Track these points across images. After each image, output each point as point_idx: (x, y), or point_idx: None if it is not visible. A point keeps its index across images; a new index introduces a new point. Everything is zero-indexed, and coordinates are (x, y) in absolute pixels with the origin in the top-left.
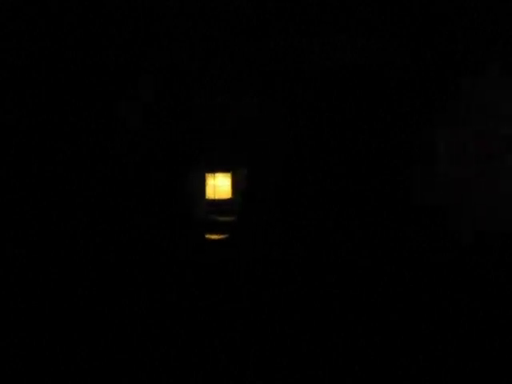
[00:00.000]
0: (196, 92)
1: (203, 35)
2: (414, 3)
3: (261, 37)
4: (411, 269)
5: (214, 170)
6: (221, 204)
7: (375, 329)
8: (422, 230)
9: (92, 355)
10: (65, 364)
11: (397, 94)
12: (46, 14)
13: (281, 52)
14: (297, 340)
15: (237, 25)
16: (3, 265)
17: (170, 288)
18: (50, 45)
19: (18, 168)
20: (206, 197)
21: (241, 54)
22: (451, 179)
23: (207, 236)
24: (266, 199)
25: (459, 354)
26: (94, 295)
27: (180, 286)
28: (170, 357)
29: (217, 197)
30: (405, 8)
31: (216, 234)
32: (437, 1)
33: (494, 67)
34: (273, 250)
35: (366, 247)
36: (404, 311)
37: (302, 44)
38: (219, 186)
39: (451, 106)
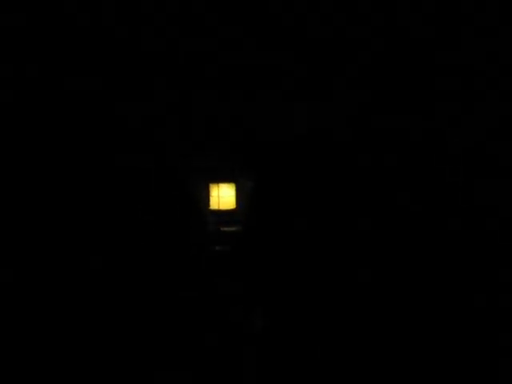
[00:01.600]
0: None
1: None
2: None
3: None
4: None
5: (219, 180)
6: (225, 214)
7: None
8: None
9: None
10: (65, 364)
11: None
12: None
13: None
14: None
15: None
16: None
17: (175, 298)
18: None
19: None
20: (210, 207)
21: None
22: None
23: (212, 246)
24: (272, 210)
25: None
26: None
27: (186, 297)
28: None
29: (221, 207)
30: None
31: (220, 244)
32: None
33: None
34: (278, 259)
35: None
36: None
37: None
38: (223, 196)
39: None
